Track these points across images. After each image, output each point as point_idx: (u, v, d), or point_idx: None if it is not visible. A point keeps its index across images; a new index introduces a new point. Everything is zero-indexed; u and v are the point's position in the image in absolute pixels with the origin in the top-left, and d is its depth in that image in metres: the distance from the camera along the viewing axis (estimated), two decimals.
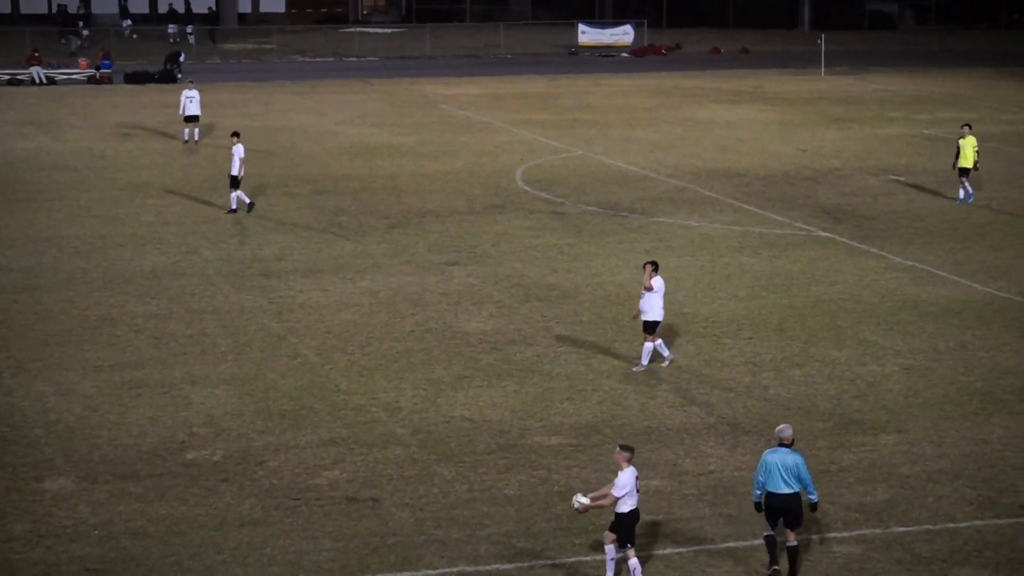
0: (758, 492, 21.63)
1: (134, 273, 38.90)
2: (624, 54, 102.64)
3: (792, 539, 21.69)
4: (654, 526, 23.41)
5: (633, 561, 21.33)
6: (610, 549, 21.40)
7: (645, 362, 31.17)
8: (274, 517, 23.91)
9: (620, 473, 21.31)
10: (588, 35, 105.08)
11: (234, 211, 45.89)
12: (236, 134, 46.55)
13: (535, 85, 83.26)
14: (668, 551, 22.68)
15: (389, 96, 77.61)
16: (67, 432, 27.48)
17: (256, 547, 22.83)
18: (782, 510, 21.51)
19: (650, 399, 29.51)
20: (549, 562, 22.14)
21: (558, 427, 27.93)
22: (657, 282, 30.98)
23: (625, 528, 21.29)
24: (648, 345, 31.13)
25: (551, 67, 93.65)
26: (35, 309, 35.29)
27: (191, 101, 59.48)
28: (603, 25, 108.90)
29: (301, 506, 24.33)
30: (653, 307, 30.99)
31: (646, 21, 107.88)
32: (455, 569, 21.97)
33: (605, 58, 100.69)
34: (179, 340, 33.21)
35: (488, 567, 22.14)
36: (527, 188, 51.31)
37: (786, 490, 21.39)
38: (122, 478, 25.34)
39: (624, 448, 21.57)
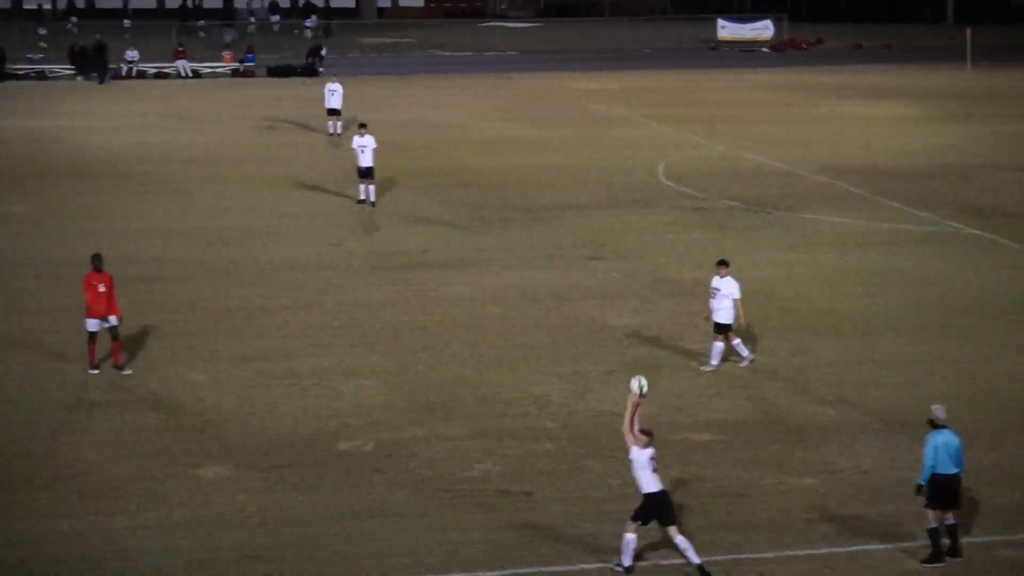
0: (926, 475, 21.61)
1: (282, 264, 39.32)
2: (764, 49, 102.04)
3: (952, 518, 21.74)
4: (810, 523, 23.24)
5: (629, 536, 21.55)
6: (681, 539, 21.57)
7: (715, 362, 30.89)
8: (427, 508, 24.04)
9: (631, 455, 21.59)
10: (727, 30, 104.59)
11: (362, 201, 46.22)
12: (363, 125, 46.82)
13: (674, 80, 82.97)
14: (824, 551, 22.48)
15: (527, 90, 77.73)
16: (222, 421, 27.85)
17: (410, 537, 22.97)
18: (948, 490, 21.57)
19: (800, 396, 29.29)
20: (703, 560, 22.04)
21: (708, 423, 27.81)
22: (726, 282, 30.67)
23: (648, 508, 21.54)
24: (718, 345, 30.87)
25: (690, 62, 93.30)
26: (188, 300, 35.78)
27: (333, 94, 59.99)
28: (743, 20, 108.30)
29: (453, 498, 24.44)
30: (723, 308, 30.68)
31: (786, 16, 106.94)
32: (609, 564, 21.95)
33: (744, 53, 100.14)
34: (328, 331, 33.51)
35: (642, 563, 22.09)
36: (669, 183, 51.16)
37: (954, 470, 21.53)
38: (277, 467, 25.62)
39: (643, 432, 21.82)
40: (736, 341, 30.95)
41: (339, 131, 60.00)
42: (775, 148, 58.73)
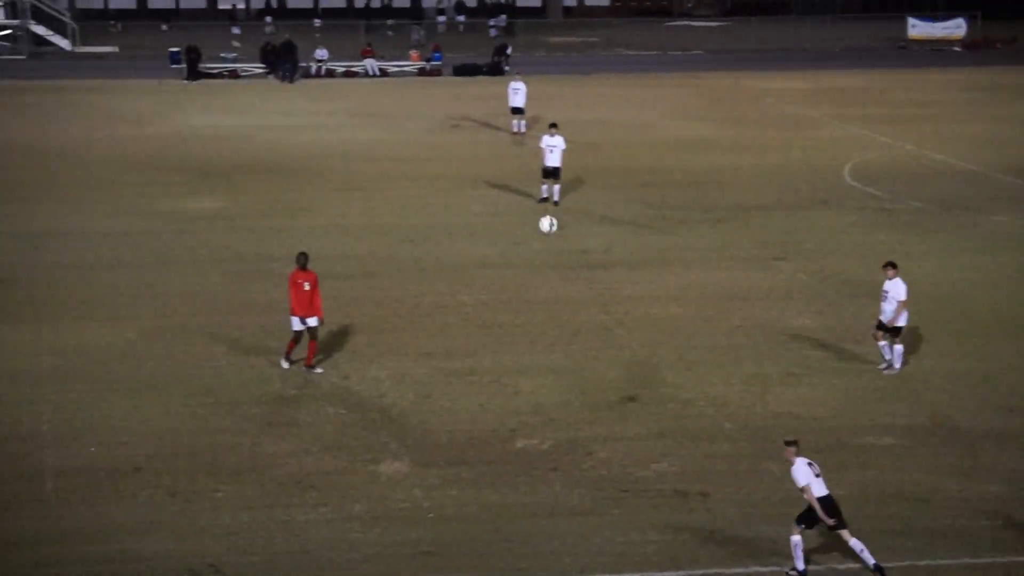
0: None
1: (465, 262, 39.57)
2: (956, 48, 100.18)
3: None
4: (993, 531, 22.81)
5: (796, 538, 21.51)
6: (855, 542, 21.36)
7: (898, 365, 30.38)
8: (603, 507, 24.06)
9: (792, 469, 21.60)
10: (918, 28, 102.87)
11: (544, 200, 46.28)
12: (554, 125, 46.85)
13: (862, 80, 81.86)
14: (1006, 559, 22.05)
15: (713, 90, 77.28)
16: (401, 417, 28.13)
17: (585, 536, 23.01)
18: None
19: (984, 401, 28.75)
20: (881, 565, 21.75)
21: (890, 427, 27.42)
22: (894, 284, 30.14)
23: (813, 512, 21.48)
24: (899, 348, 30.33)
25: (879, 61, 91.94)
26: (370, 295, 36.18)
27: (516, 93, 60.21)
28: (934, 18, 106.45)
29: (630, 497, 24.42)
30: (892, 310, 30.19)
31: (980, 13, 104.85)
32: (784, 568, 21.77)
33: (935, 52, 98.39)
34: (508, 329, 33.66)
35: (817, 567, 21.88)
36: (855, 184, 50.50)
37: None
38: (454, 463, 25.82)
39: (788, 443, 21.86)
40: (898, 348, 30.47)
41: (523, 130, 60.22)
42: (964, 149, 57.65)
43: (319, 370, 30.32)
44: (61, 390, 29.19)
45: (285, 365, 30.45)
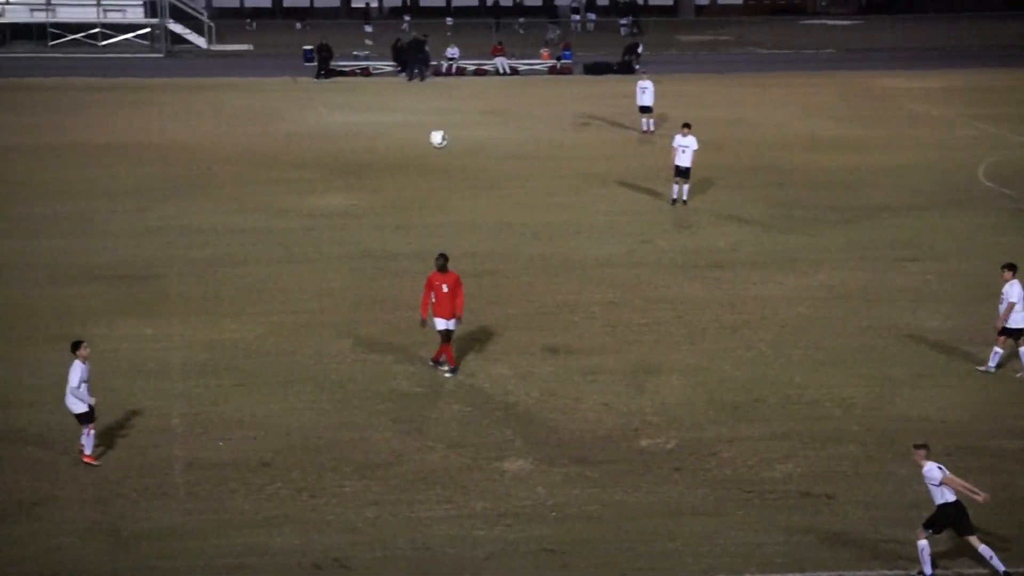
0: None
1: (590, 261, 39.54)
2: None
3: None
4: None
5: (923, 543, 21.39)
6: (984, 548, 21.26)
7: (992, 364, 29.94)
8: (726, 508, 23.95)
9: (924, 471, 21.60)
10: None
11: (675, 201, 46.02)
12: (687, 125, 46.56)
13: (999, 78, 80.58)
14: None
15: (845, 89, 76.48)
16: (526, 414, 28.19)
17: (708, 537, 22.93)
18: None
19: None
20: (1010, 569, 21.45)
21: (1021, 431, 27.01)
22: (1011, 287, 29.63)
23: (941, 518, 21.43)
24: (997, 351, 29.92)
25: (1015, 59, 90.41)
26: (495, 292, 36.28)
27: (644, 92, 60.06)
28: None
29: (754, 498, 24.30)
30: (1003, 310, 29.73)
31: None
32: (912, 572, 21.53)
33: None
34: (633, 328, 33.60)
35: (945, 572, 21.61)
36: (990, 184, 49.76)
37: None
38: (578, 462, 25.83)
39: (918, 447, 21.91)
40: (996, 351, 30.07)
41: (652, 128, 60.04)
42: None
43: (447, 372, 30.31)
44: (191, 385, 29.60)
45: (440, 367, 30.37)
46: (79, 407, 25.53)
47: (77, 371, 25.53)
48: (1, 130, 59.53)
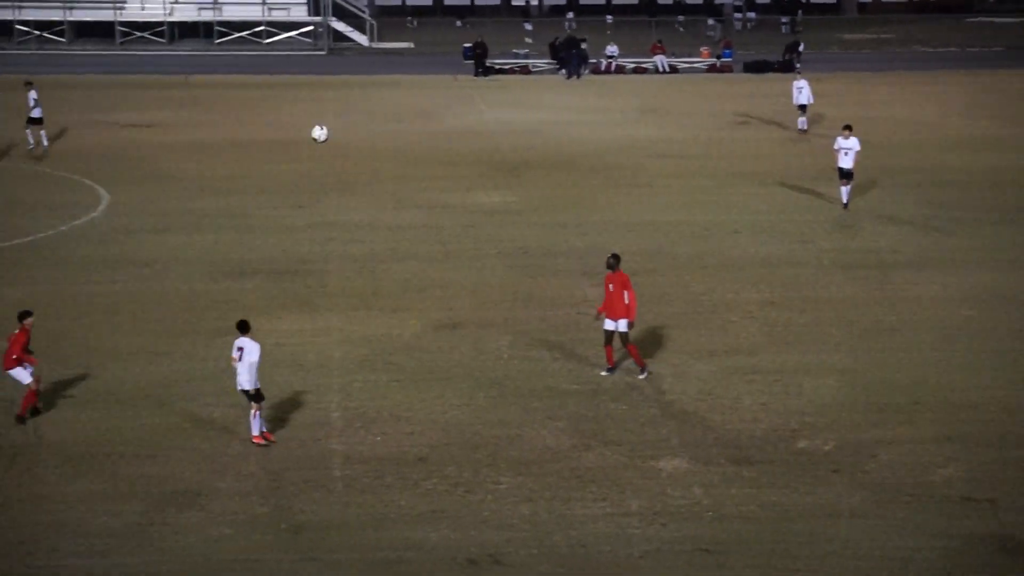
0: None
1: (748, 260, 39.27)
2: None
3: None
4: None
5: None
6: None
7: None
8: (885, 511, 23.64)
9: None
10: None
11: (847, 205, 45.39)
12: (848, 127, 45.86)
13: None
14: None
15: (1009, 87, 75.16)
16: (682, 414, 28.07)
17: (865, 540, 22.65)
18: None
19: None
20: None
21: None
22: None
23: None
24: None
25: None
26: (652, 291, 36.12)
27: (800, 91, 59.56)
28: None
29: (913, 502, 23.96)
30: None
31: None
32: None
33: None
34: (792, 328, 33.30)
35: None
36: None
37: None
38: (734, 462, 25.66)
39: None
40: None
41: (806, 127, 59.50)
42: None
43: (642, 375, 30.07)
44: (349, 379, 29.88)
45: (606, 373, 30.18)
46: (256, 384, 26.24)
47: (257, 349, 26.24)
48: (165, 127, 60.62)
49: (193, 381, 29.55)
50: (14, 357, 27.40)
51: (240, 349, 26.48)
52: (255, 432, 26.37)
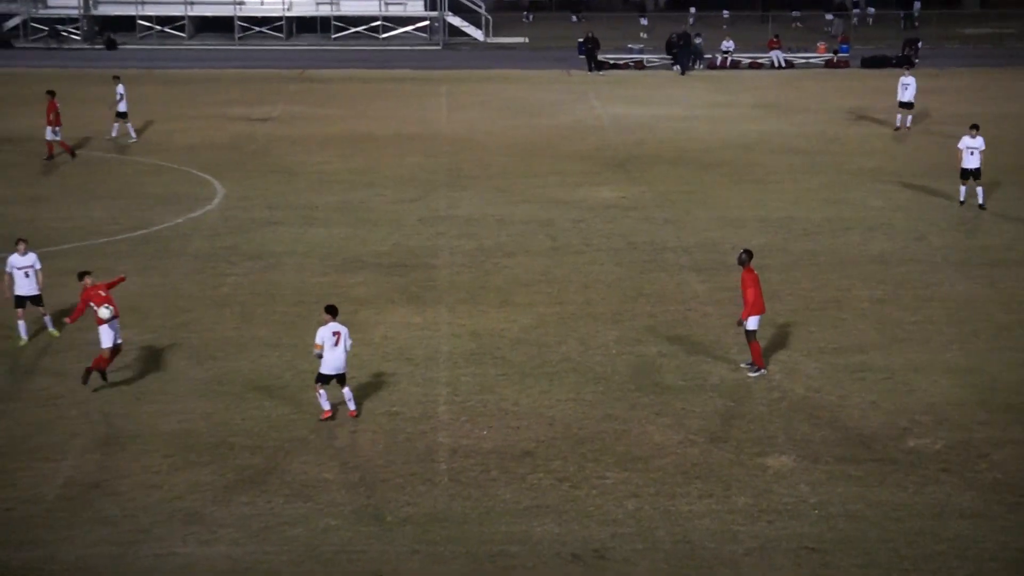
0: None
1: (861, 257, 38.93)
2: None
3: None
4: None
5: None
6: None
7: None
8: (995, 512, 23.36)
9: None
10: None
11: (963, 203, 44.75)
12: (975, 127, 45.10)
13: None
14: None
15: None
16: (790, 411, 27.89)
17: (975, 541, 22.39)
18: None
19: None
20: None
21: None
22: None
23: None
24: None
25: None
26: (763, 288, 35.86)
27: (906, 88, 58.82)
28: None
29: None
30: None
31: None
32: None
33: None
34: (903, 326, 32.97)
35: None
36: None
37: None
38: (842, 460, 25.45)
39: None
40: None
41: (908, 125, 58.80)
42: None
43: (753, 373, 29.85)
44: (457, 373, 29.99)
45: (757, 371, 29.98)
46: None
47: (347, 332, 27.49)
48: (281, 121, 61.17)
49: (302, 373, 29.78)
50: (90, 304, 28.49)
51: (336, 334, 27.04)
52: (351, 407, 27.45)
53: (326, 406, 27.32)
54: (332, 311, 27.36)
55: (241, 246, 40.05)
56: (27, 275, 31.51)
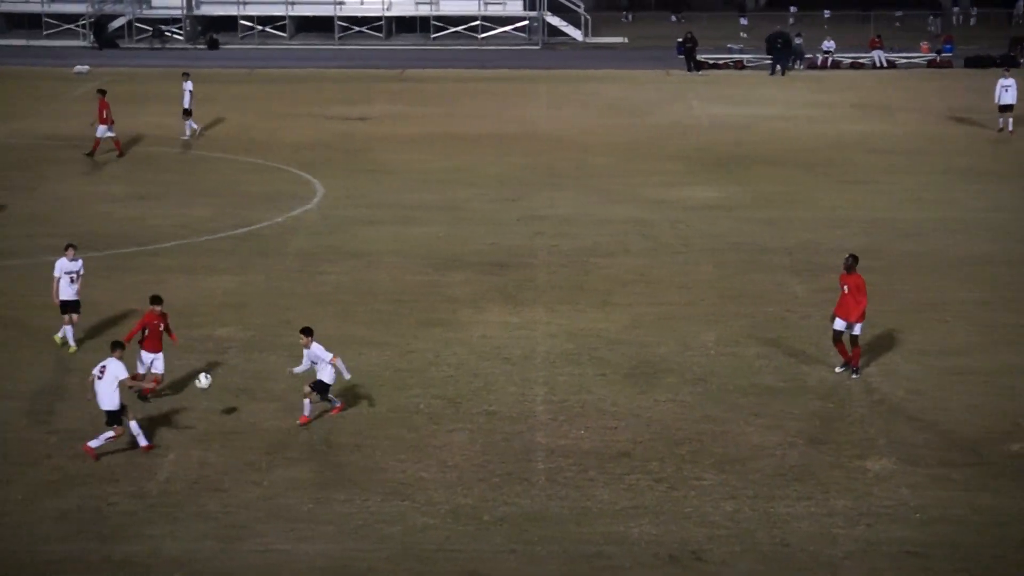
0: None
1: (963, 259, 38.55)
2: None
3: None
4: None
5: None
6: None
7: None
8: None
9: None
10: None
11: None
12: None
13: None
14: None
15: None
16: (890, 413, 27.66)
17: None
18: None
19: None
20: None
21: None
22: None
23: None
24: None
25: None
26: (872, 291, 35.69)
27: (1007, 90, 58.18)
28: None
29: None
30: None
31: None
32: None
33: None
34: (1005, 329, 32.63)
35: None
36: None
37: None
38: (943, 464, 25.22)
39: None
40: None
41: (1010, 128, 58.05)
42: None
43: (846, 371, 29.75)
44: (554, 373, 29.99)
45: (840, 370, 29.75)
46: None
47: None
48: (381, 120, 61.42)
49: (400, 372, 29.93)
50: (137, 339, 27.93)
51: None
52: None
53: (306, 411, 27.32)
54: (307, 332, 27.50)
55: (340, 244, 40.27)
56: (72, 280, 31.65)
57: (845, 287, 29.52)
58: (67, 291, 31.45)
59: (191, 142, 55.42)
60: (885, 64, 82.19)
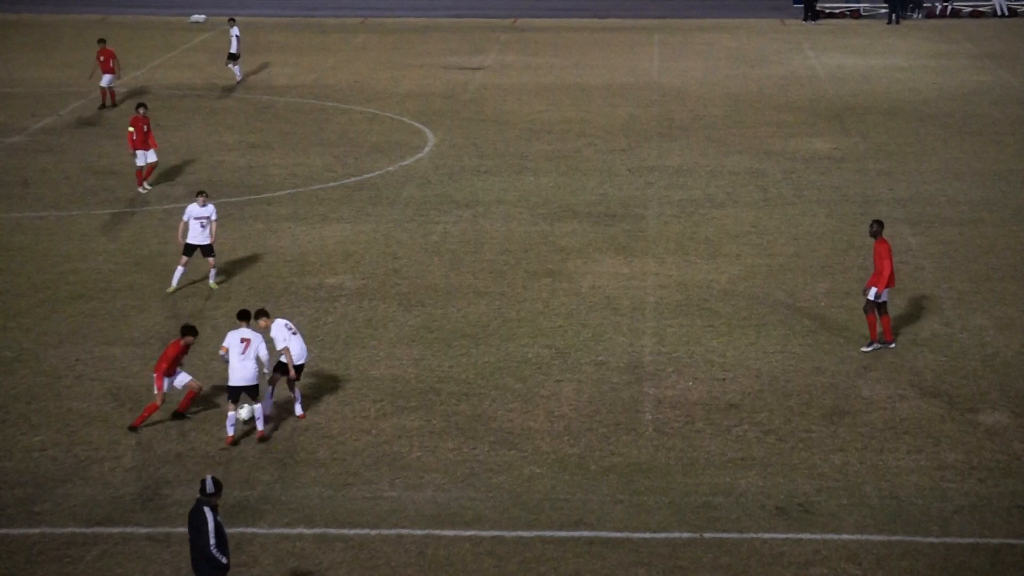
0: None
1: None
2: None
3: None
4: None
5: None
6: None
7: None
8: None
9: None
10: None
11: None
12: None
13: None
14: None
15: None
16: (1004, 367, 27.34)
17: None
18: None
19: None
20: None
21: None
22: None
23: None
24: None
25: None
26: (978, 242, 35.24)
27: None
28: None
29: None
30: None
31: None
32: None
33: None
34: None
35: None
36: None
37: None
38: None
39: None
40: None
41: None
42: None
43: (865, 348, 28.50)
44: (663, 324, 29.94)
45: (870, 348, 29.20)
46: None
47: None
48: (493, 69, 61.36)
49: (509, 322, 30.01)
50: (164, 367, 25.30)
51: (245, 341, 24.72)
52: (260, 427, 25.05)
53: (230, 431, 24.69)
54: (244, 316, 25.31)
55: (452, 194, 40.36)
56: (203, 225, 32.06)
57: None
58: (196, 236, 31.99)
59: (234, 86, 55.79)
60: (1007, 13, 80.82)
